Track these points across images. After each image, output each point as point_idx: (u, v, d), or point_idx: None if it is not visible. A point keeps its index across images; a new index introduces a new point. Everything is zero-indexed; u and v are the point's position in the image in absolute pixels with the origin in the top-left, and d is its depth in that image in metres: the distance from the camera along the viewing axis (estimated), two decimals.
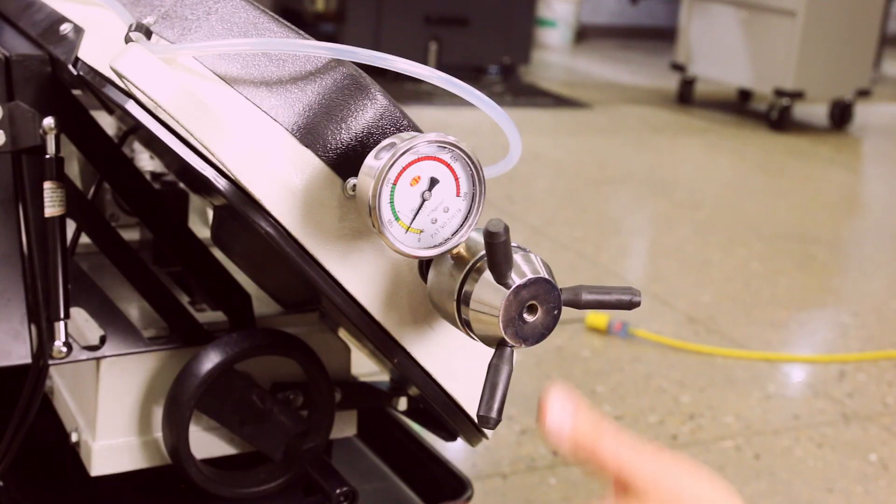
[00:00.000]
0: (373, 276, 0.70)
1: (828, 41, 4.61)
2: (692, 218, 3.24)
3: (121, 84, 0.68)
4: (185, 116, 0.63)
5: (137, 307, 0.93)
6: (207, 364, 0.82)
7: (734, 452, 1.81)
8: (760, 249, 3.00)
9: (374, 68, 0.66)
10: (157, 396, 0.86)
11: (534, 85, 5.41)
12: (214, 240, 0.86)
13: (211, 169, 0.66)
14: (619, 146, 4.24)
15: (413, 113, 0.79)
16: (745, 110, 5.20)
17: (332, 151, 0.67)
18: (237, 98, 0.68)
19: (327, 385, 0.88)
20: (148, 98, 0.63)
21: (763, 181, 3.88)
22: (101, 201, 1.09)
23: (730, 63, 4.89)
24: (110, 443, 0.86)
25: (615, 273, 2.69)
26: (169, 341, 0.86)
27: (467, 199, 0.65)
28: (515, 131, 0.71)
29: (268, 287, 0.91)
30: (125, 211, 1.10)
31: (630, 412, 1.91)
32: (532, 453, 1.71)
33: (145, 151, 1.13)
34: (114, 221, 1.10)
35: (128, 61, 0.63)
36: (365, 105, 0.68)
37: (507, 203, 3.12)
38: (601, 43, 7.43)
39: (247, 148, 0.66)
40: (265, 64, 0.69)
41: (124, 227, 1.08)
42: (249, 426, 0.86)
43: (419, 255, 0.64)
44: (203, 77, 0.68)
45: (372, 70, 0.67)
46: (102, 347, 0.84)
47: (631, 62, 6.67)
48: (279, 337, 0.86)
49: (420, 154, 0.62)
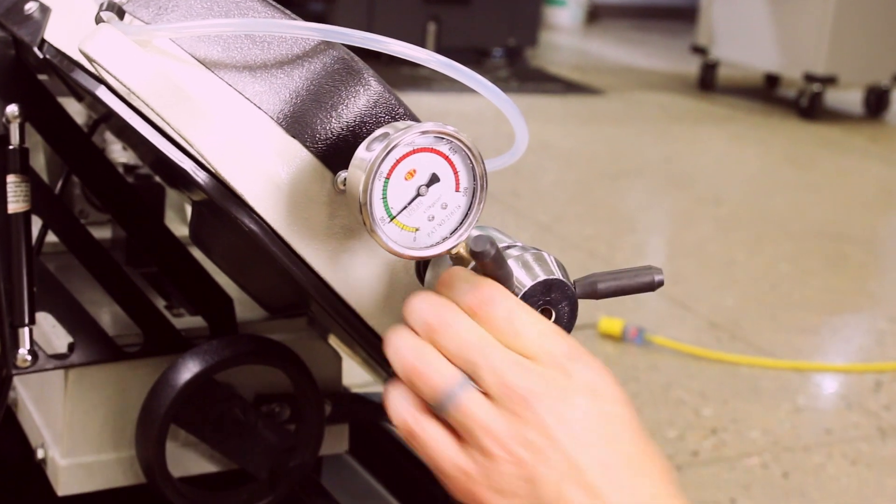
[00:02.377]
0: (365, 278, 0.71)
1: (863, 21, 4.61)
2: (714, 214, 3.24)
3: (91, 68, 0.68)
4: (161, 103, 0.64)
5: (109, 312, 0.93)
6: (185, 374, 0.82)
7: (761, 470, 1.81)
8: (789, 248, 3.00)
9: (367, 51, 0.66)
10: (131, 409, 0.86)
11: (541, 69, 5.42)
12: (193, 238, 0.86)
13: (189, 161, 0.66)
14: (634, 136, 4.24)
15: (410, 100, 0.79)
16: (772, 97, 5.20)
17: (322, 142, 0.67)
18: (218, 84, 0.68)
19: (316, 397, 0.88)
20: (120, 83, 0.63)
21: (792, 174, 3.88)
22: (69, 196, 1.09)
23: (756, 45, 4.89)
24: (79, 460, 0.86)
25: None
26: (143, 349, 0.86)
27: (468, 195, 0.65)
28: (521, 120, 0.71)
29: (251, 290, 0.91)
30: (96, 207, 1.10)
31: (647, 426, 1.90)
32: None
33: (118, 142, 1.13)
34: (83, 218, 1.10)
35: (98, 43, 0.63)
36: (357, 91, 0.68)
37: (512, 198, 3.12)
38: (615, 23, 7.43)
39: (228, 138, 0.66)
40: (249, 47, 0.69)
41: (95, 225, 1.08)
42: (231, 442, 0.86)
43: (415, 256, 0.64)
44: (180, 61, 0.68)
45: (365, 53, 0.67)
46: (71, 356, 0.84)
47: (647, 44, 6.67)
48: (264, 344, 0.86)
49: (416, 145, 0.62)
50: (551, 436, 0.56)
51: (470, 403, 0.58)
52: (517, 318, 0.59)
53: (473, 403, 0.58)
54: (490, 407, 0.57)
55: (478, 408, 0.57)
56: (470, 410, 0.57)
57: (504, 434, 0.56)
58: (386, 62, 4.64)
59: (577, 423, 0.56)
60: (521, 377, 0.57)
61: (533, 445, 0.56)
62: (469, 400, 0.58)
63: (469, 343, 0.58)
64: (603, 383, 0.59)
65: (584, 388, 0.57)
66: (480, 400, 0.58)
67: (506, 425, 0.57)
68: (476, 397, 0.58)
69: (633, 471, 0.57)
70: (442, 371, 0.58)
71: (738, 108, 4.88)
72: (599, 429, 0.57)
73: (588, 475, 0.56)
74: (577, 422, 0.56)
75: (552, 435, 0.56)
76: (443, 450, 0.59)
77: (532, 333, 0.59)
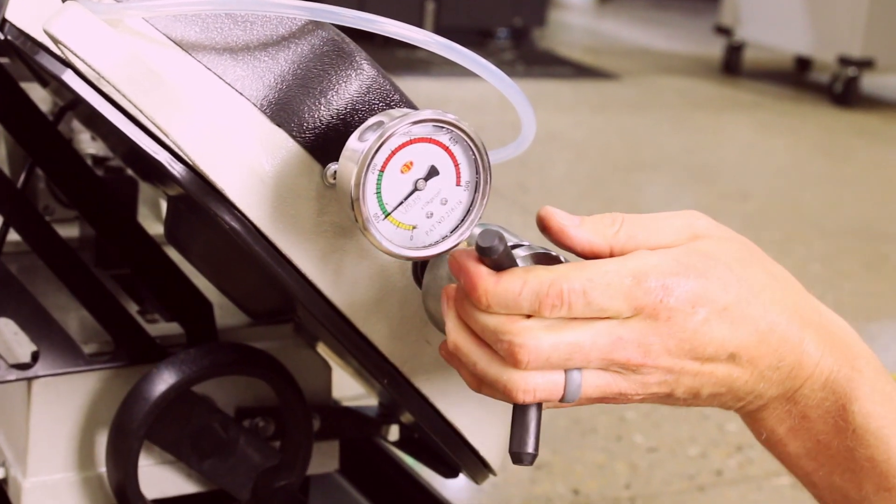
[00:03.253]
0: (358, 281, 0.71)
1: None
2: (740, 211, 3.24)
3: (57, 51, 0.68)
4: (134, 89, 0.64)
5: (76, 318, 0.93)
6: (160, 386, 0.82)
7: (790, 491, 1.81)
8: (822, 248, 3.00)
9: (359, 32, 0.66)
10: (101, 424, 0.87)
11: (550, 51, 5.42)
12: (169, 237, 0.87)
13: (165, 152, 0.66)
14: (652, 125, 4.25)
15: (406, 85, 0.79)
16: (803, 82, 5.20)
17: (310, 131, 0.67)
18: (196, 67, 0.68)
19: (304, 411, 0.88)
20: (89, 67, 0.63)
21: (825, 167, 3.89)
22: (33, 191, 1.09)
23: (785, 25, 4.90)
24: (44, 479, 0.86)
25: None
26: (114, 358, 0.86)
27: (469, 189, 0.65)
28: (528, 107, 0.71)
29: (232, 294, 0.91)
30: (62, 202, 1.10)
31: (666, 443, 1.91)
32: (548, 492, 1.71)
33: (86, 131, 1.13)
34: (48, 215, 1.10)
35: (64, 23, 0.63)
36: (348, 76, 0.68)
37: (518, 193, 3.12)
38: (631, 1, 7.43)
39: (207, 127, 0.66)
40: (230, 27, 0.69)
41: (61, 222, 1.08)
42: (210, 460, 0.86)
43: (411, 256, 0.65)
44: (155, 42, 0.68)
45: (357, 34, 0.67)
46: (35, 366, 0.84)
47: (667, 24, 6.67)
48: (246, 353, 0.86)
49: (412, 135, 0.62)
50: (675, 371, 0.61)
51: (596, 378, 0.61)
52: (593, 296, 0.60)
53: (599, 378, 0.61)
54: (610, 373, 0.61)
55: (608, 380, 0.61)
56: (600, 383, 0.61)
57: (633, 390, 0.61)
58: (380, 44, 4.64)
59: (694, 347, 0.61)
60: (628, 338, 0.60)
61: (663, 385, 0.61)
62: (592, 376, 0.61)
63: (559, 346, 0.60)
64: (708, 280, 0.61)
65: (690, 305, 0.60)
66: (603, 373, 0.61)
67: (631, 384, 0.61)
68: (596, 372, 0.61)
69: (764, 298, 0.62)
70: (546, 381, 0.61)
71: (765, 95, 4.89)
72: (719, 331, 0.61)
73: (718, 374, 0.62)
74: (693, 346, 0.61)
75: (675, 370, 0.61)
76: (634, 391, 0.62)
77: (614, 302, 0.60)
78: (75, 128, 1.14)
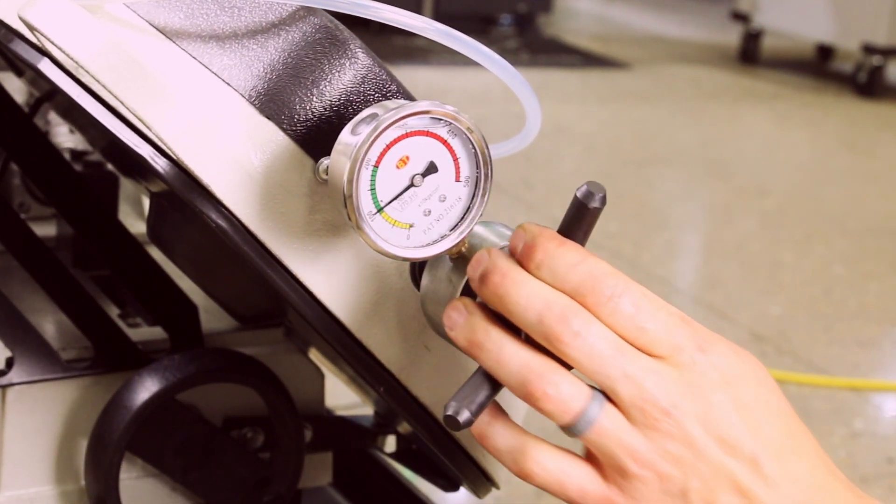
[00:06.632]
0: (352, 283, 0.71)
1: None
2: (758, 208, 3.24)
3: (32, 38, 0.68)
4: (114, 79, 0.64)
5: (54, 322, 0.93)
6: (142, 394, 0.82)
7: None
8: (845, 248, 3.00)
9: (354, 19, 0.66)
10: (79, 435, 0.87)
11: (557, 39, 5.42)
12: (151, 236, 0.87)
13: (147, 146, 0.67)
14: (664, 117, 4.25)
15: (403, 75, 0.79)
16: (825, 71, 5.20)
17: (301, 124, 0.67)
18: (180, 56, 0.68)
19: (295, 420, 0.88)
20: (66, 56, 0.63)
21: (848, 161, 3.89)
22: (7, 187, 1.09)
23: (806, 11, 4.90)
24: (19, 493, 0.86)
25: (661, 278, 2.70)
26: (93, 365, 0.86)
27: (469, 185, 0.65)
28: (533, 98, 0.71)
29: (219, 296, 0.91)
30: (38, 199, 1.10)
31: None
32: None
33: (64, 124, 1.13)
34: (24, 212, 1.10)
35: (40, 10, 0.63)
36: (342, 65, 0.68)
37: (523, 189, 3.12)
38: None
39: (193, 119, 0.66)
40: (216, 13, 0.69)
41: (37, 220, 1.08)
42: (196, 473, 0.86)
43: (408, 256, 0.65)
44: (137, 29, 0.68)
45: (351, 21, 0.68)
46: (9, 373, 0.84)
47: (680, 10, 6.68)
48: (233, 359, 0.86)
49: (409, 128, 0.62)
50: (697, 447, 0.59)
51: (609, 424, 0.59)
52: (643, 310, 0.60)
53: (613, 424, 0.59)
54: (627, 424, 0.59)
55: (619, 428, 0.59)
56: (612, 433, 0.59)
57: (648, 452, 0.59)
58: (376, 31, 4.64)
59: (719, 424, 0.59)
60: (659, 387, 0.59)
61: (680, 460, 0.59)
62: (608, 420, 0.59)
63: (604, 355, 0.59)
64: (738, 369, 0.60)
65: (721, 381, 0.60)
66: (618, 418, 0.59)
67: (648, 442, 0.59)
68: (614, 416, 0.59)
69: (781, 460, 0.60)
70: (573, 392, 0.59)
71: (785, 85, 4.89)
72: (743, 423, 0.59)
73: (739, 477, 0.59)
74: (719, 423, 0.59)
75: (698, 445, 0.59)
76: (583, 485, 0.60)
77: (657, 328, 0.60)
78: (52, 120, 1.15)
